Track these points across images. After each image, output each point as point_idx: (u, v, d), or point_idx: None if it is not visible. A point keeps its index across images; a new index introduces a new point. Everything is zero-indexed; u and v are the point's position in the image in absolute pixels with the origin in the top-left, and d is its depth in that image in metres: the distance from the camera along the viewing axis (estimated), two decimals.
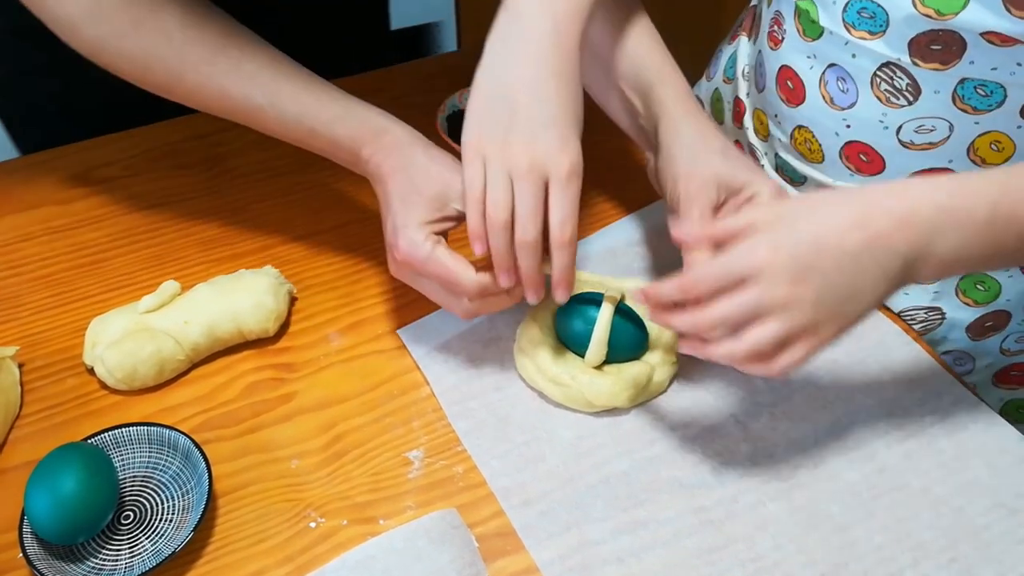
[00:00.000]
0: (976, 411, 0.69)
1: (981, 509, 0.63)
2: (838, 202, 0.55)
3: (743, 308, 0.53)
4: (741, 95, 0.81)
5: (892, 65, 0.64)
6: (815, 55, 0.68)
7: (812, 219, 0.54)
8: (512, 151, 0.58)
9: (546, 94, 0.59)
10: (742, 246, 0.54)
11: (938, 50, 0.61)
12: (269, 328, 0.72)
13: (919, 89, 0.63)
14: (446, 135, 0.88)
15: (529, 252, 0.60)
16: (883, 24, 0.63)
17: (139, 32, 0.66)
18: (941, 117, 0.64)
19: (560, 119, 0.59)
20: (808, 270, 0.52)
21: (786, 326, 0.53)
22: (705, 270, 0.55)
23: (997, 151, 0.65)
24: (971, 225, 0.53)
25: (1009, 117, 0.63)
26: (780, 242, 0.53)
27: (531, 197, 0.58)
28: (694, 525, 0.62)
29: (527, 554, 0.61)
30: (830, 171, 0.72)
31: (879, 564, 0.60)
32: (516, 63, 0.60)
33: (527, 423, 0.68)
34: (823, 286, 0.53)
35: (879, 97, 0.66)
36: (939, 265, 0.54)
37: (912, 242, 0.53)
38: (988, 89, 0.61)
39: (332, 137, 0.68)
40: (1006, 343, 0.78)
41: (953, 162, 0.66)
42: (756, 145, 0.79)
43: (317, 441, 0.67)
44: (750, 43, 0.81)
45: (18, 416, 0.68)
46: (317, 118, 0.68)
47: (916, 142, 0.66)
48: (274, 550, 0.61)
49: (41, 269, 0.78)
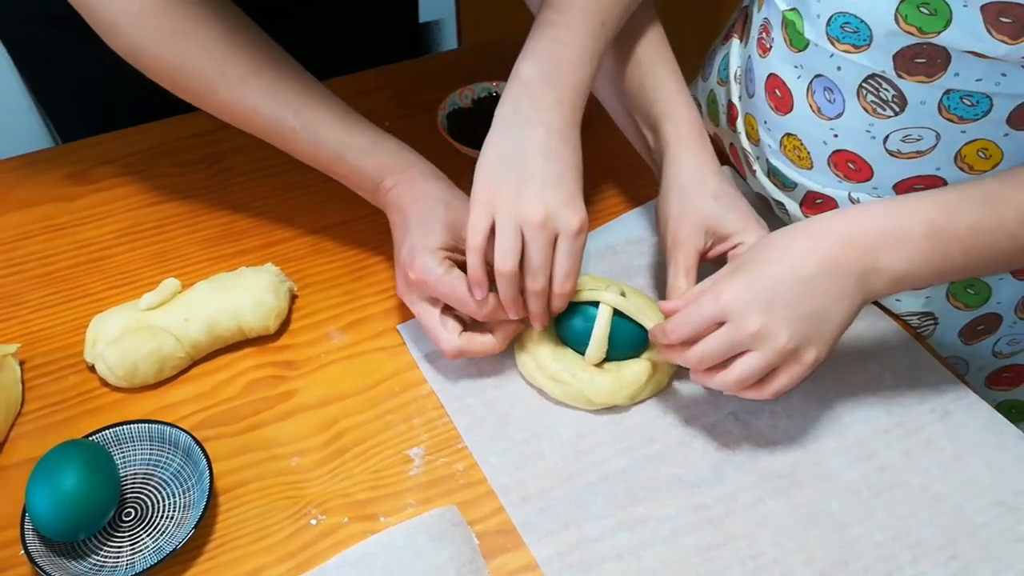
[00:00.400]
0: (975, 409, 0.69)
1: (980, 507, 0.63)
2: (789, 235, 0.61)
3: (720, 346, 0.59)
4: (733, 99, 0.81)
5: (877, 77, 0.64)
6: (802, 65, 0.69)
7: (767, 256, 0.60)
8: (524, 204, 0.62)
9: (555, 155, 0.64)
10: (709, 293, 0.60)
11: (922, 63, 0.61)
12: (270, 326, 0.72)
13: (905, 100, 0.64)
14: (446, 132, 0.88)
15: (539, 299, 0.65)
16: (867, 39, 0.63)
17: (179, 40, 0.67)
18: (927, 127, 0.64)
19: (568, 177, 0.64)
20: (771, 302, 0.58)
21: (767, 356, 0.58)
22: (681, 318, 0.61)
23: (985, 158, 0.65)
24: (911, 241, 0.59)
25: (996, 126, 0.63)
26: (741, 282, 0.59)
27: (543, 249, 0.63)
28: (693, 523, 0.62)
29: (527, 551, 0.61)
30: (819, 178, 0.72)
31: (878, 562, 0.60)
32: (526, 128, 0.65)
33: (527, 420, 0.68)
34: (790, 314, 0.58)
35: (865, 108, 0.66)
36: (892, 280, 0.59)
37: (858, 260, 0.59)
38: (974, 99, 0.62)
39: (359, 165, 0.71)
40: (998, 346, 0.78)
41: (940, 169, 0.67)
42: (748, 150, 0.79)
43: (318, 438, 0.67)
44: (741, 46, 0.81)
45: (19, 413, 0.68)
46: (347, 144, 0.71)
47: (903, 151, 0.67)
48: (275, 547, 0.61)
49: (42, 267, 0.79)
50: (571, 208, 0.63)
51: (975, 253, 0.60)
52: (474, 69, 0.97)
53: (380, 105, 0.94)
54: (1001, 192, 0.60)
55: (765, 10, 0.73)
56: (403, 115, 0.93)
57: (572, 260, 0.64)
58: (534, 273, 0.63)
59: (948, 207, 0.60)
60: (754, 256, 0.61)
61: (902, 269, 0.59)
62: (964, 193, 0.61)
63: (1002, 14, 0.56)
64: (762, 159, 0.77)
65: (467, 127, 0.89)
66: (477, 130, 0.89)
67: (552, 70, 0.66)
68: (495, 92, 0.92)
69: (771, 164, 0.76)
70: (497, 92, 0.92)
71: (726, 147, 0.86)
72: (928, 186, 0.68)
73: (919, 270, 0.59)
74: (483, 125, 0.89)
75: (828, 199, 0.73)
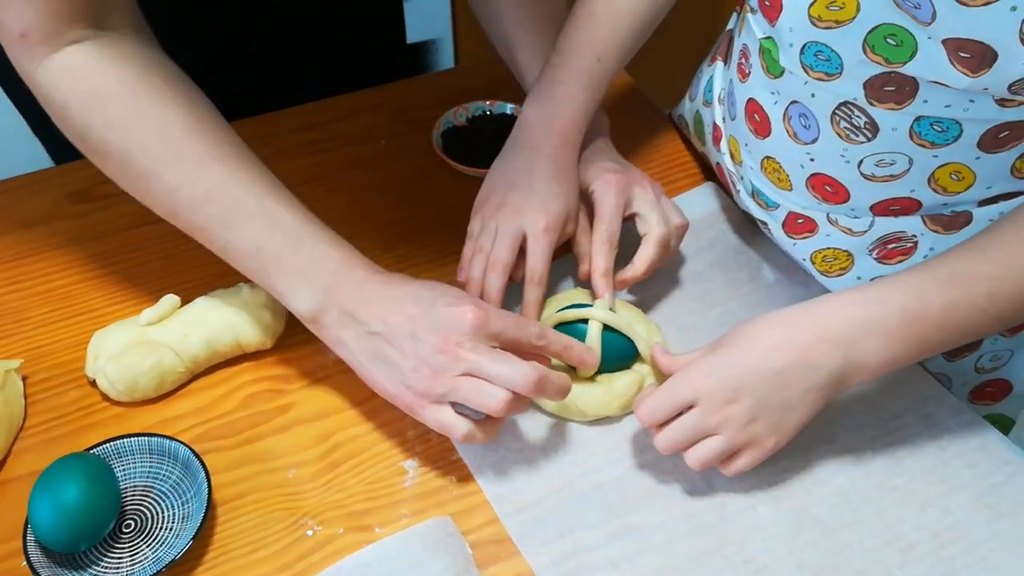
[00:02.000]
0: (957, 413, 0.70)
1: (964, 508, 0.64)
2: (764, 325, 0.62)
3: (688, 431, 0.62)
4: (718, 120, 0.83)
5: (850, 104, 0.65)
6: (778, 91, 0.70)
7: (740, 345, 0.62)
8: (504, 213, 0.71)
9: (539, 180, 0.72)
10: (681, 378, 0.62)
11: (892, 91, 0.62)
12: (267, 341, 0.73)
13: (876, 127, 0.65)
14: (441, 151, 0.89)
15: (496, 272, 0.70)
16: (838, 67, 0.64)
17: (137, 123, 0.63)
18: (900, 152, 0.65)
19: (547, 196, 0.71)
20: (739, 391, 0.61)
21: (728, 441, 0.61)
22: (654, 404, 0.63)
23: (958, 180, 0.66)
24: (886, 330, 0.60)
25: (967, 149, 0.64)
26: (712, 369, 0.62)
27: (508, 238, 0.70)
28: (686, 530, 0.63)
29: (520, 561, 0.62)
30: (799, 199, 0.74)
31: (868, 565, 0.61)
32: (520, 158, 0.74)
33: (520, 431, 0.69)
34: (756, 404, 0.61)
35: (839, 134, 0.67)
36: (868, 371, 0.61)
37: (831, 355, 0.60)
38: (944, 125, 0.62)
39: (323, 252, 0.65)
40: (980, 362, 0.79)
41: (915, 191, 0.68)
42: (732, 170, 0.81)
43: (314, 451, 0.68)
44: (725, 69, 0.83)
45: (22, 428, 0.69)
46: (310, 231, 0.65)
47: (877, 175, 0.68)
48: (272, 558, 0.62)
49: (44, 284, 0.80)
50: (540, 213, 0.70)
51: (949, 331, 0.61)
52: (470, 88, 0.98)
53: (375, 124, 0.96)
54: (971, 267, 0.61)
55: (744, 36, 0.75)
56: (398, 133, 0.95)
57: (540, 254, 0.70)
58: (496, 252, 0.70)
59: (919, 292, 0.60)
60: (729, 344, 0.63)
61: (878, 360, 0.61)
62: (933, 274, 0.61)
63: (961, 49, 0.57)
64: (745, 180, 0.79)
65: (462, 145, 0.91)
66: (472, 149, 0.90)
67: (546, 104, 0.75)
68: (490, 111, 0.94)
69: (754, 185, 0.77)
70: (491, 111, 0.94)
71: (713, 165, 0.88)
72: (904, 207, 0.69)
73: (896, 358, 0.61)
74: (478, 144, 0.91)
75: (808, 219, 0.74)
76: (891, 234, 0.71)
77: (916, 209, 0.70)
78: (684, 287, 0.80)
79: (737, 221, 0.86)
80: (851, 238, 0.72)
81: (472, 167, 0.88)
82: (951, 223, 0.69)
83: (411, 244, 0.83)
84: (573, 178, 0.74)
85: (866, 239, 0.72)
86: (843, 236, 0.73)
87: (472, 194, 0.74)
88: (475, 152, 0.89)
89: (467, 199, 0.74)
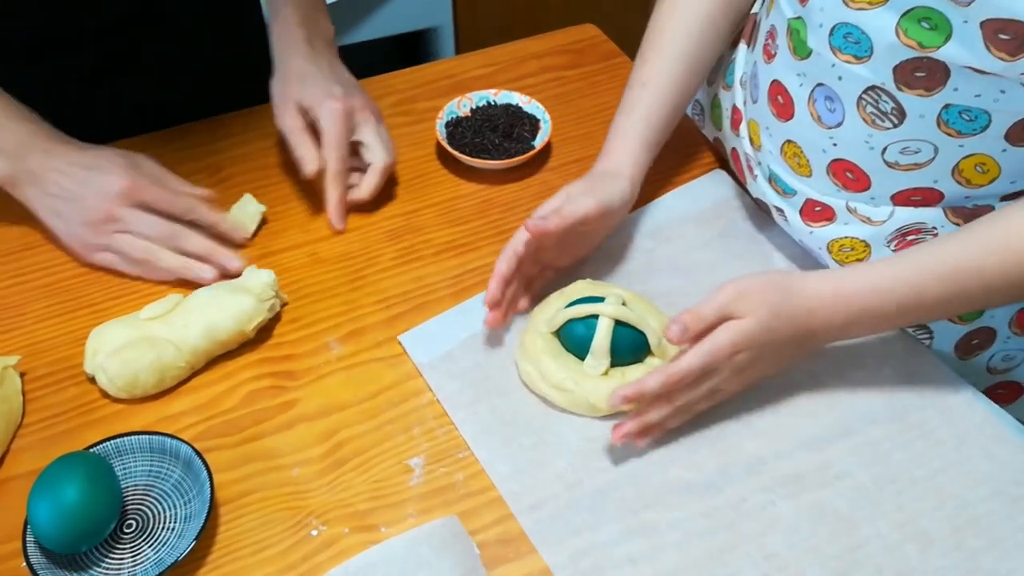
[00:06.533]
0: (974, 403, 0.69)
1: (982, 498, 0.64)
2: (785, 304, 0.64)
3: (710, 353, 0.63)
4: (738, 103, 0.81)
5: (877, 89, 0.64)
6: (804, 73, 0.69)
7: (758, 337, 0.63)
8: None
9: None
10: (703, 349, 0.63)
11: (922, 77, 0.61)
12: (266, 317, 0.72)
13: (904, 113, 0.64)
14: (444, 141, 0.88)
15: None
16: (868, 50, 0.63)
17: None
18: (926, 140, 0.65)
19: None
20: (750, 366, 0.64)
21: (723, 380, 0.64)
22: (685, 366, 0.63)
23: (982, 172, 0.65)
24: (883, 318, 0.65)
25: (994, 141, 0.63)
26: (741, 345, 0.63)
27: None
28: (704, 526, 0.62)
29: (529, 561, 0.60)
30: (818, 185, 0.73)
31: (889, 559, 0.60)
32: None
33: (533, 427, 0.68)
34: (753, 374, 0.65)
35: (865, 119, 0.66)
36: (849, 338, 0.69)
37: (832, 338, 0.67)
38: (972, 114, 0.62)
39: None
40: (992, 361, 0.78)
41: (938, 182, 0.67)
42: (750, 154, 0.79)
43: (318, 449, 0.67)
44: (748, 51, 0.81)
45: (20, 425, 0.68)
46: None
47: (901, 163, 0.67)
48: (276, 558, 0.61)
49: (44, 278, 0.78)
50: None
51: (939, 315, 0.68)
52: (472, 78, 0.97)
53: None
54: (968, 263, 0.62)
55: (773, 16, 0.73)
56: (402, 123, 0.93)
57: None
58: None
59: (918, 287, 0.63)
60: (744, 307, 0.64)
61: (864, 335, 0.69)
62: (933, 268, 0.63)
63: (1001, 31, 0.56)
64: (763, 164, 0.78)
65: (465, 136, 0.89)
66: (475, 139, 0.89)
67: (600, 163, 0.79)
68: (493, 101, 0.92)
69: (772, 170, 0.76)
70: (494, 100, 0.92)
71: (727, 152, 0.86)
72: (925, 198, 0.68)
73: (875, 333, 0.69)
74: (481, 134, 0.89)
75: (826, 207, 0.73)
76: (910, 225, 0.70)
77: (938, 200, 0.68)
78: (695, 277, 0.78)
79: (749, 209, 0.84)
80: (870, 227, 0.71)
81: (476, 158, 0.86)
82: (972, 216, 0.68)
83: (415, 236, 0.82)
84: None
85: (885, 229, 0.71)
86: (862, 225, 0.72)
87: (477, 186, 0.73)
88: (478, 142, 0.88)
89: (472, 190, 0.73)
